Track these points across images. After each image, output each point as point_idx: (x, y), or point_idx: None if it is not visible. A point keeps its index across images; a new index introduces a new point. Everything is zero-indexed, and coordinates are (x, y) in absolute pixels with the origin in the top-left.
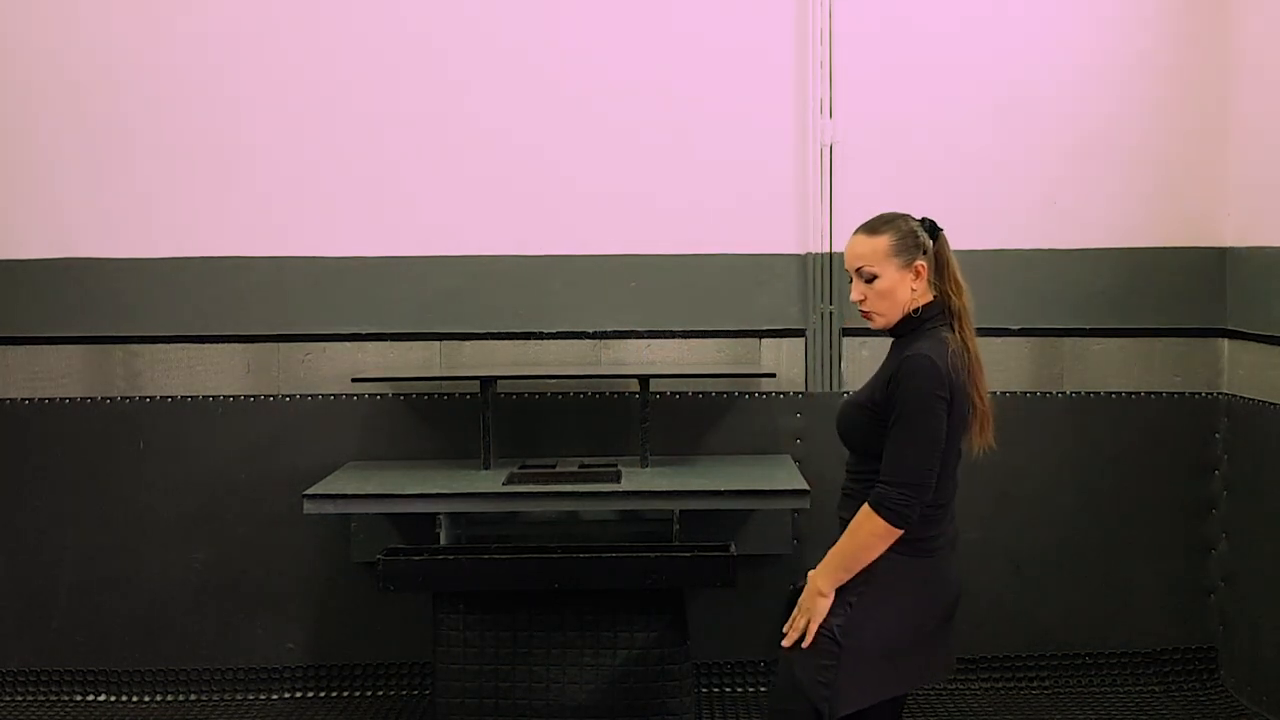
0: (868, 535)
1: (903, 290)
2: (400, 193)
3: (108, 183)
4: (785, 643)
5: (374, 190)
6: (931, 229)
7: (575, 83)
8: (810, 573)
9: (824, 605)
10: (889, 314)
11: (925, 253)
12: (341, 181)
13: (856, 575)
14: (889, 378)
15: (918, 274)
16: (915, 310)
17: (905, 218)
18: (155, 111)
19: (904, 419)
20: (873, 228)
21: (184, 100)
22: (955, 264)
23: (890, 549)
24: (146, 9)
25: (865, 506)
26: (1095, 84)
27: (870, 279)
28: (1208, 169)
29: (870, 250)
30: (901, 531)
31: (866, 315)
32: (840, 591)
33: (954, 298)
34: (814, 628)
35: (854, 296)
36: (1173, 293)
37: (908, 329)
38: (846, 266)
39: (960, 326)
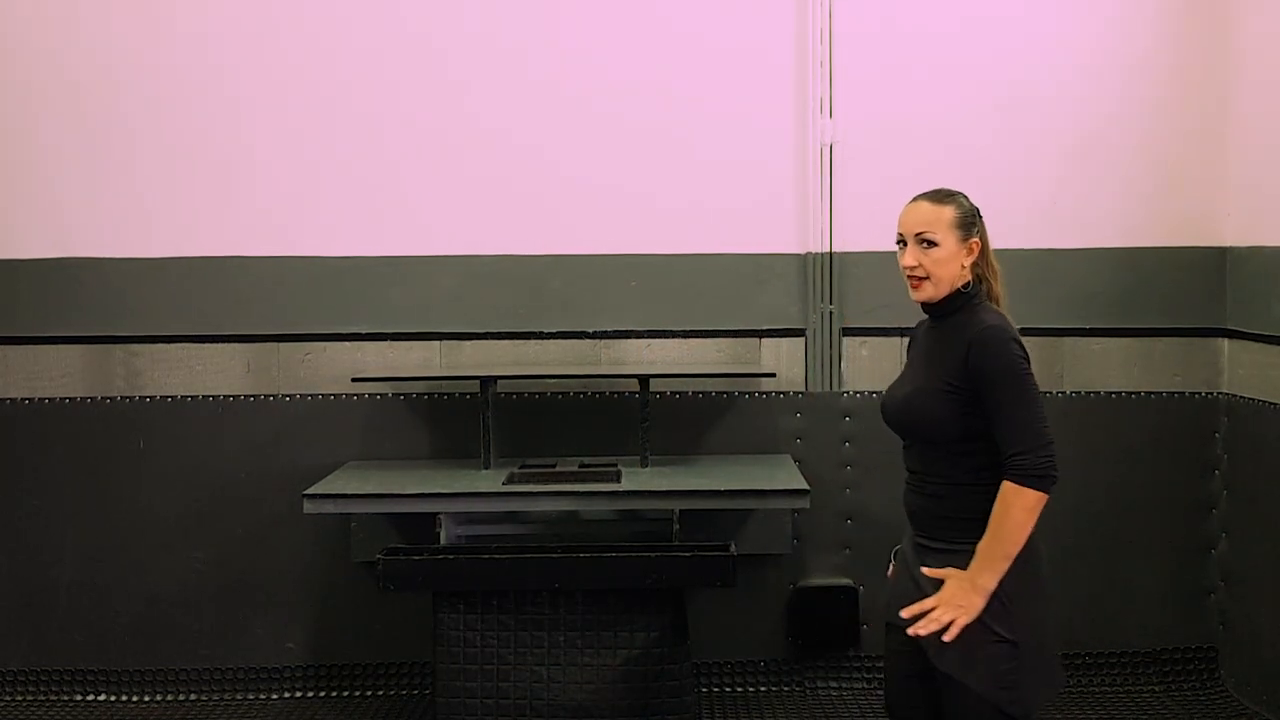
0: (1022, 513)
1: (956, 263)
2: (400, 193)
3: (108, 183)
4: (921, 631)
5: (374, 190)
6: (977, 213)
7: (575, 83)
8: (952, 572)
9: (979, 604)
10: (939, 284)
11: (978, 233)
12: (341, 181)
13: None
14: (964, 355)
15: (971, 251)
16: (966, 285)
17: (965, 195)
18: (155, 111)
19: (1008, 386)
20: (938, 198)
21: (184, 100)
22: (991, 250)
23: (982, 530)
24: (147, 9)
25: (1008, 486)
26: (1095, 84)
27: (930, 244)
28: (1208, 169)
29: (936, 217)
30: (1047, 498)
31: (916, 283)
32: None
33: (993, 283)
34: (961, 624)
35: (907, 261)
36: (1173, 292)
37: (955, 306)
38: (903, 230)
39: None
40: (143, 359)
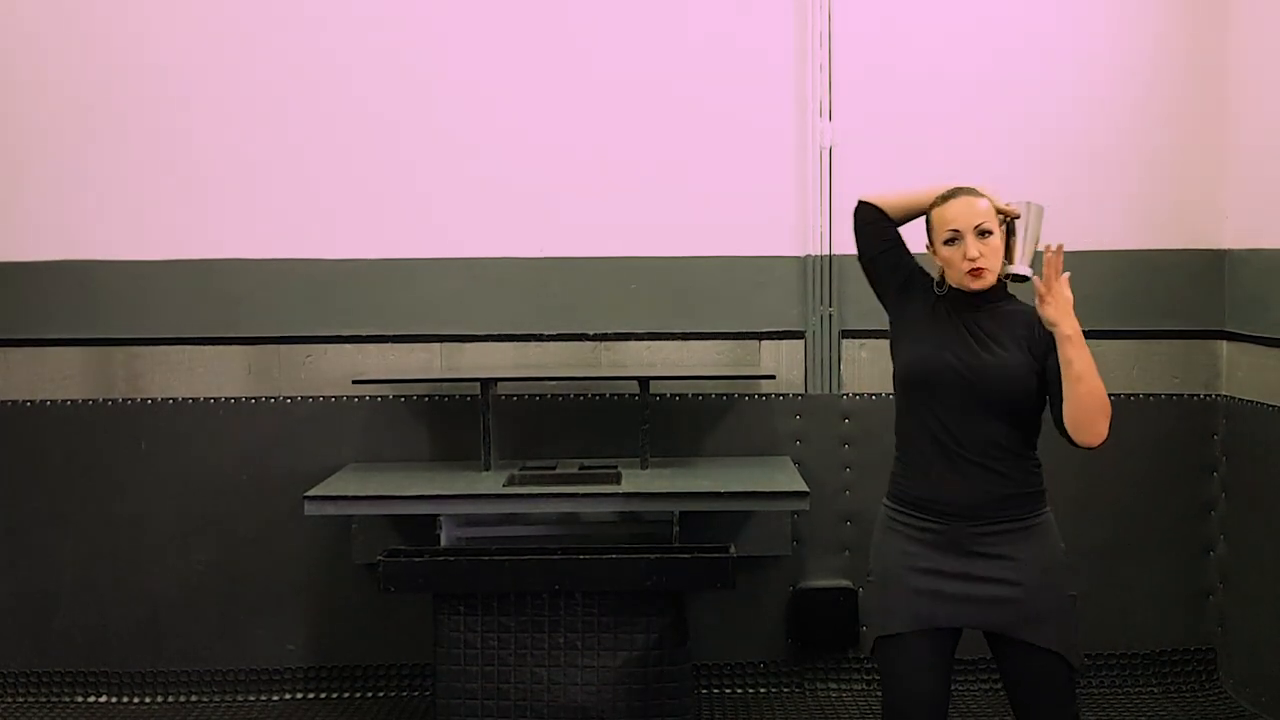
0: (1103, 415)
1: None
2: (400, 195)
3: (109, 185)
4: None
5: (374, 192)
6: None
7: (575, 86)
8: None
9: (1068, 331)
10: (993, 273)
11: None
12: (342, 184)
13: (1046, 534)
14: (1030, 334)
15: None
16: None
17: None
18: (156, 113)
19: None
20: (975, 191)
21: (183, 103)
22: None
23: (1041, 500)
24: (148, 11)
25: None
26: (1095, 87)
27: (986, 234)
28: (1207, 171)
29: (986, 209)
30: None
31: (978, 273)
32: (1053, 554)
33: None
34: (1056, 308)
35: (971, 253)
36: (1172, 295)
37: (1004, 293)
38: (960, 225)
39: None
40: (144, 361)
